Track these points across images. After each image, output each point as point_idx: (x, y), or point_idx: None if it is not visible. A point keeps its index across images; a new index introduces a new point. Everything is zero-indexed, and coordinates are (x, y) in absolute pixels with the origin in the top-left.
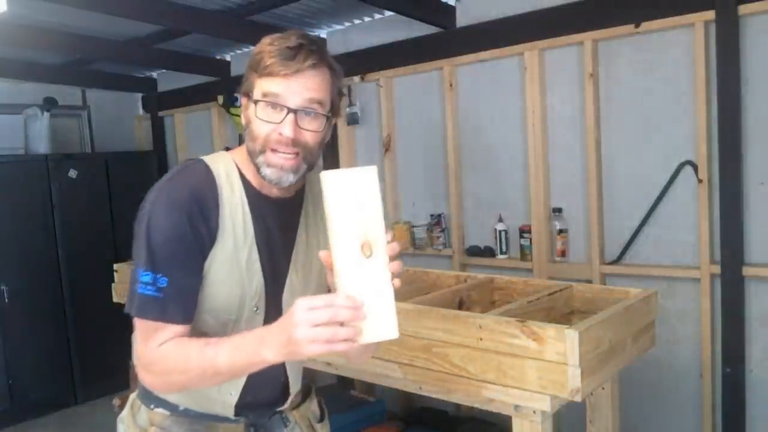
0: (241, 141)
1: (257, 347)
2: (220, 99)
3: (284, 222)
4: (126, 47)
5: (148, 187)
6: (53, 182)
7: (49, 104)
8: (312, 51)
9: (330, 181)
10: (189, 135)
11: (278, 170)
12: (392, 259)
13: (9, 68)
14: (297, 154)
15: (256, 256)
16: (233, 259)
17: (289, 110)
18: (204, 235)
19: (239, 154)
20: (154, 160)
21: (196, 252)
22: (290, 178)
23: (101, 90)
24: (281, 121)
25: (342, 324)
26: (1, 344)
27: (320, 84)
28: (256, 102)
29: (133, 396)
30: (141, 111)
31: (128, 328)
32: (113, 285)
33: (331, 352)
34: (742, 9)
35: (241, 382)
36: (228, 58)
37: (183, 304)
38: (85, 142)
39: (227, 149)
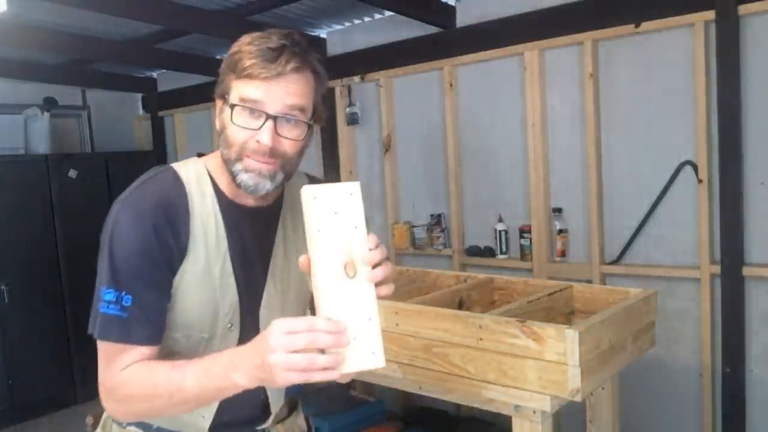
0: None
1: (228, 371)
2: None
3: (260, 232)
4: (126, 47)
5: None
6: (53, 182)
7: (49, 104)
8: (295, 53)
9: (311, 195)
10: (189, 135)
11: (256, 176)
12: (382, 282)
13: (9, 68)
14: (275, 162)
15: (230, 269)
16: (205, 272)
17: (268, 117)
18: (172, 248)
19: (212, 160)
20: (154, 160)
21: (164, 267)
22: (267, 186)
23: (101, 90)
24: (259, 128)
25: (323, 351)
26: (1, 344)
27: (303, 89)
28: (232, 106)
29: (105, 414)
30: (141, 111)
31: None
32: None
33: (308, 381)
34: (742, 9)
35: (215, 403)
36: None
37: (149, 324)
38: (85, 142)
39: (200, 155)
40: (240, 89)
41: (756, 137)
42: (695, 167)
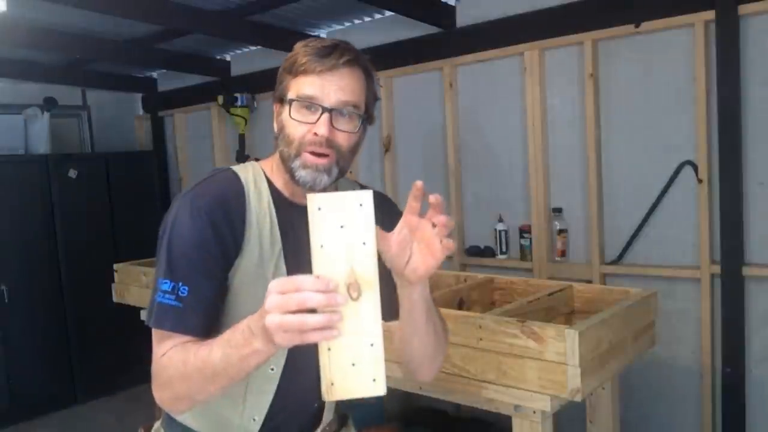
0: (241, 141)
1: (247, 337)
2: (220, 99)
3: None
4: (126, 47)
5: (149, 187)
6: (53, 182)
7: (49, 104)
8: (347, 50)
9: (316, 203)
10: (189, 135)
11: (313, 171)
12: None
13: (9, 68)
14: (330, 155)
15: (283, 268)
16: (259, 271)
17: (324, 109)
18: (229, 243)
19: (268, 162)
20: (154, 160)
21: (220, 261)
22: (324, 179)
23: (101, 90)
24: (316, 121)
25: (315, 311)
26: (1, 344)
27: (355, 84)
28: (290, 102)
29: (157, 424)
30: (141, 111)
31: (130, 328)
32: (113, 285)
33: (306, 342)
34: (742, 9)
35: (266, 405)
36: (228, 58)
37: (204, 315)
38: (85, 142)
39: (256, 160)
40: (297, 86)
41: (756, 137)
42: (695, 167)
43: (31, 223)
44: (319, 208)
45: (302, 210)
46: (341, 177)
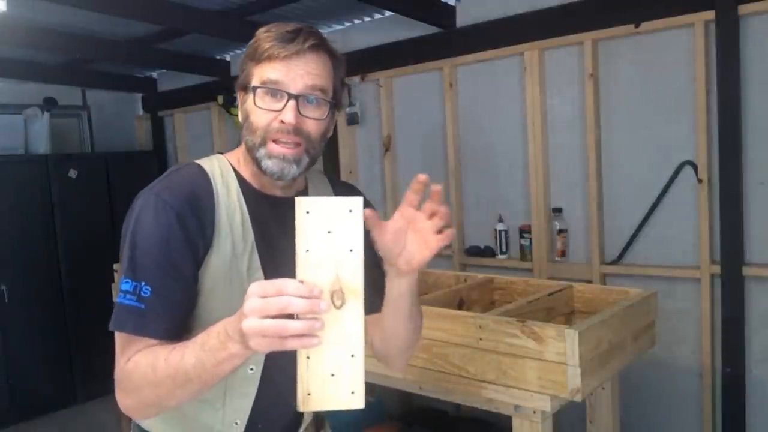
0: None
1: (223, 341)
2: (220, 99)
3: (286, 223)
4: (126, 47)
5: None
6: (53, 182)
7: (49, 104)
8: (312, 33)
9: (303, 209)
10: (189, 135)
11: (280, 161)
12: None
13: (9, 68)
14: (299, 144)
15: (257, 262)
16: (232, 266)
17: (290, 96)
18: (197, 239)
19: (234, 154)
20: (154, 160)
21: (188, 258)
22: (293, 170)
23: (101, 90)
24: (282, 108)
25: (297, 318)
26: (1, 344)
27: (321, 69)
28: (254, 89)
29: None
30: (141, 111)
31: None
32: (113, 285)
33: (283, 348)
34: (742, 9)
35: (248, 407)
36: (228, 58)
37: (168, 318)
38: (85, 142)
39: (220, 153)
40: (261, 73)
41: (756, 137)
42: (695, 167)
43: (31, 223)
44: (308, 212)
45: (273, 201)
46: (312, 166)
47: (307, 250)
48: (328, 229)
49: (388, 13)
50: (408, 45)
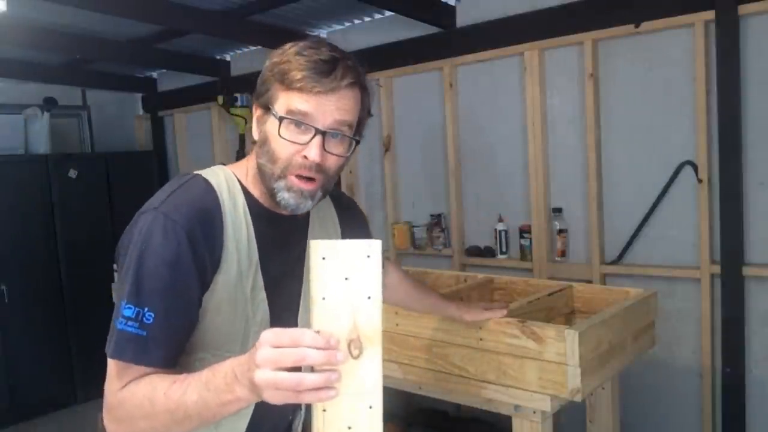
0: (241, 141)
1: (230, 383)
2: (220, 99)
3: (290, 243)
4: (126, 47)
5: (148, 187)
6: (53, 182)
7: (49, 104)
8: (349, 67)
9: (320, 253)
10: (189, 135)
11: (297, 196)
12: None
13: (9, 68)
14: (316, 180)
15: (261, 282)
16: (237, 286)
17: (317, 131)
18: (206, 261)
19: (240, 168)
20: (154, 160)
21: (195, 281)
22: (308, 205)
23: (101, 90)
24: (307, 143)
25: (313, 369)
26: (1, 344)
27: (353, 105)
28: (281, 119)
29: None
30: (141, 111)
31: None
32: (113, 285)
33: (299, 402)
34: (742, 9)
35: (242, 428)
36: (228, 58)
37: (169, 347)
38: (85, 142)
39: (223, 164)
40: (289, 101)
41: (756, 137)
42: (695, 167)
43: (31, 223)
44: (324, 258)
45: (277, 219)
46: (323, 198)
47: (324, 298)
48: (346, 276)
49: (388, 13)
50: (408, 45)
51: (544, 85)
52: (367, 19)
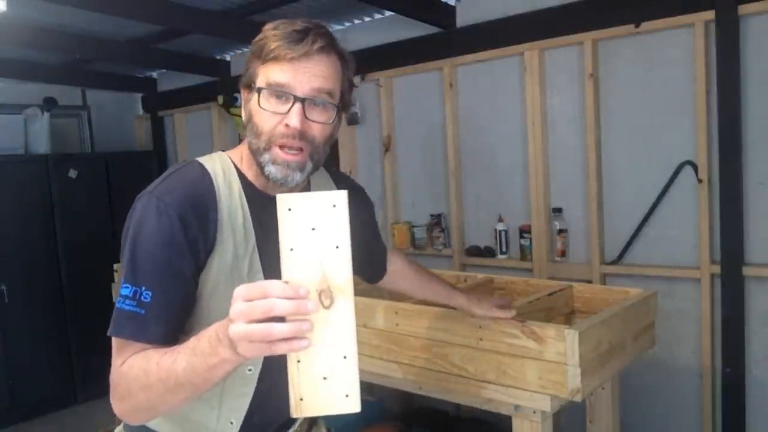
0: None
1: (214, 345)
2: (220, 99)
3: None
4: (126, 47)
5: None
6: (53, 182)
7: (49, 104)
8: (321, 34)
9: (286, 204)
10: (189, 135)
11: (284, 168)
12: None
13: (9, 68)
14: (302, 149)
15: (258, 264)
16: (233, 269)
17: (296, 99)
18: (199, 241)
19: (237, 152)
20: (154, 160)
21: (190, 261)
22: (297, 177)
23: (101, 90)
24: (287, 111)
25: (283, 319)
26: (1, 344)
27: (329, 71)
28: (259, 90)
29: (118, 429)
30: (141, 111)
31: None
32: (113, 285)
33: (273, 353)
34: (742, 9)
35: (244, 407)
36: (228, 58)
37: (167, 323)
38: (85, 142)
39: (222, 151)
40: (267, 73)
41: (756, 137)
42: (695, 167)
43: (31, 223)
44: (289, 209)
45: (274, 201)
46: (316, 170)
47: (291, 249)
48: (312, 226)
49: (388, 13)
50: (408, 45)
51: (544, 85)
52: (367, 19)
